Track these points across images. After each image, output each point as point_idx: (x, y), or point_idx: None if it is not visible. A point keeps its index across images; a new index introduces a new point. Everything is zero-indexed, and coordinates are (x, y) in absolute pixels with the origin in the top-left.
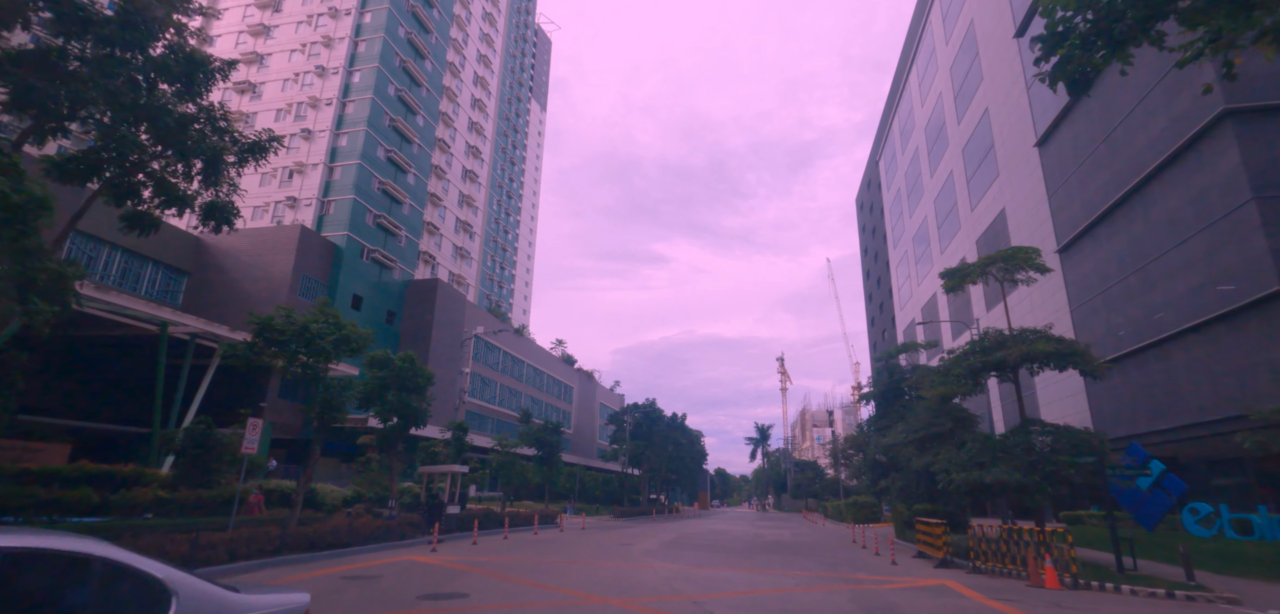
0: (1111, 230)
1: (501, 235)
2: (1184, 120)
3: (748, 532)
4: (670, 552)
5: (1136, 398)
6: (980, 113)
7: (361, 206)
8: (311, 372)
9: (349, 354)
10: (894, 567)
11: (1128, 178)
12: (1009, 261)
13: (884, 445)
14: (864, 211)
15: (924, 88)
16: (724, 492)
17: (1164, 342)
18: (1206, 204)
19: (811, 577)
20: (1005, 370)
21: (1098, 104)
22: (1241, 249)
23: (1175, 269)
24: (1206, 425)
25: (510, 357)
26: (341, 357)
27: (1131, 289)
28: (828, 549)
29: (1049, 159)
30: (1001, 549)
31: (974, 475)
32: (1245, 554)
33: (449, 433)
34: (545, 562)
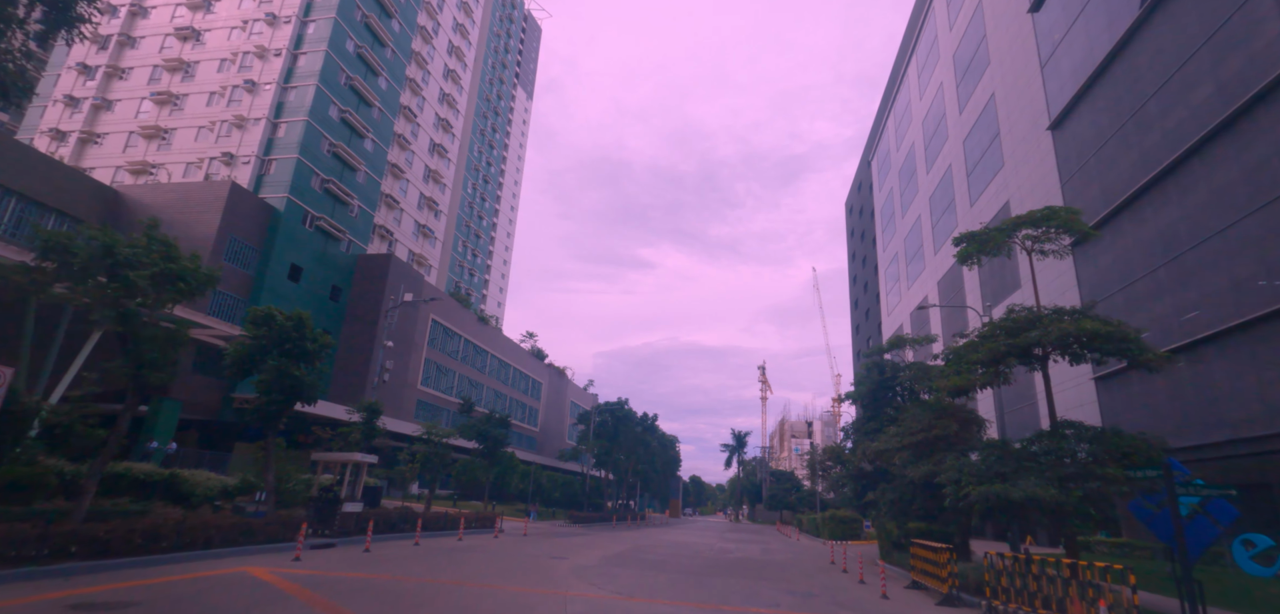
0: (1137, 218)
1: (475, 220)
2: (1237, 82)
3: (713, 545)
4: (608, 570)
5: (1162, 409)
6: (985, 99)
7: (307, 168)
8: (128, 316)
9: (177, 293)
10: (886, 601)
11: (1162, 157)
12: (1046, 222)
13: (873, 451)
14: (853, 215)
15: (923, 79)
16: (698, 500)
17: (1199, 342)
18: (1264, 179)
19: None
20: (1032, 358)
21: (1124, 76)
22: None
23: (1217, 258)
24: (1261, 441)
25: (473, 346)
26: (169, 296)
27: (1160, 284)
28: (802, 572)
29: (1064, 143)
30: (1031, 588)
31: (996, 489)
32: None
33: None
34: (430, 581)
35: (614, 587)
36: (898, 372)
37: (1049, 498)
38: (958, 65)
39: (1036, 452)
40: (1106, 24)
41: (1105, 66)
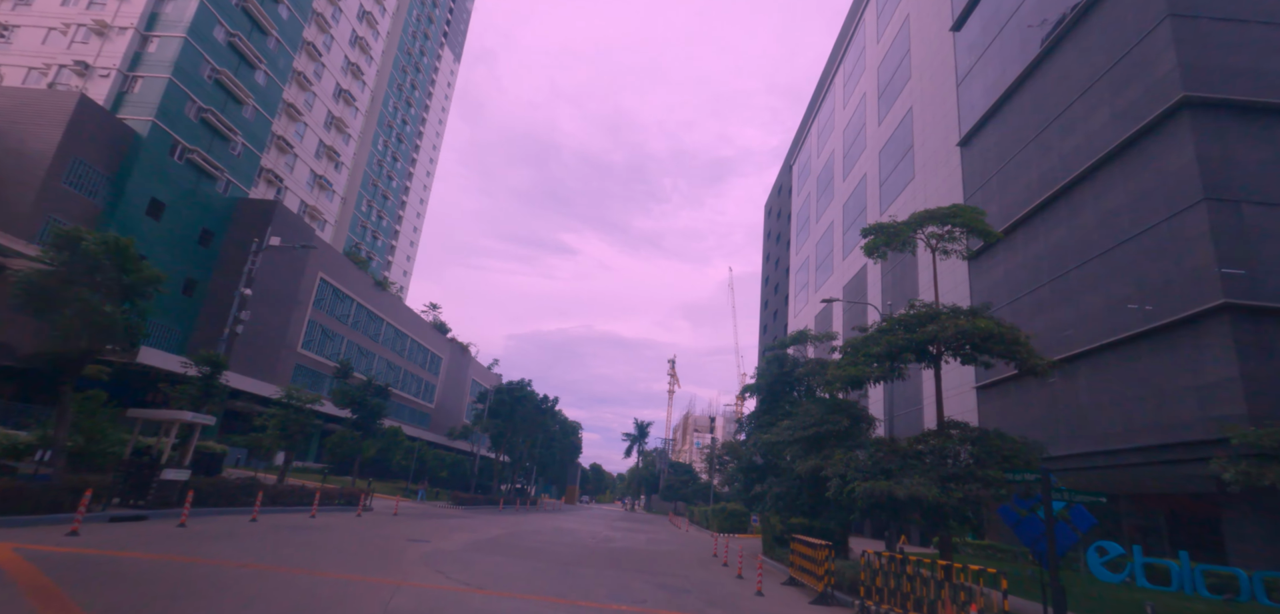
0: (1029, 236)
1: (385, 181)
2: (1133, 112)
3: (598, 533)
4: (468, 556)
5: (1033, 420)
6: (903, 112)
7: (181, 93)
8: None
9: None
10: (759, 598)
11: (1057, 179)
12: (951, 220)
13: (764, 443)
14: (771, 217)
15: (848, 89)
16: (598, 488)
17: (1073, 358)
18: (1147, 208)
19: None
20: (927, 354)
21: (1031, 99)
22: (1181, 258)
23: (1097, 279)
24: (1118, 454)
25: (367, 312)
26: None
27: (1043, 301)
28: (681, 564)
29: (970, 160)
30: (904, 589)
31: (881, 486)
32: (1171, 610)
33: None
34: (235, 565)
35: (464, 576)
36: (797, 366)
37: (931, 497)
38: (881, 77)
39: (923, 450)
40: (1019, 48)
41: (1015, 89)
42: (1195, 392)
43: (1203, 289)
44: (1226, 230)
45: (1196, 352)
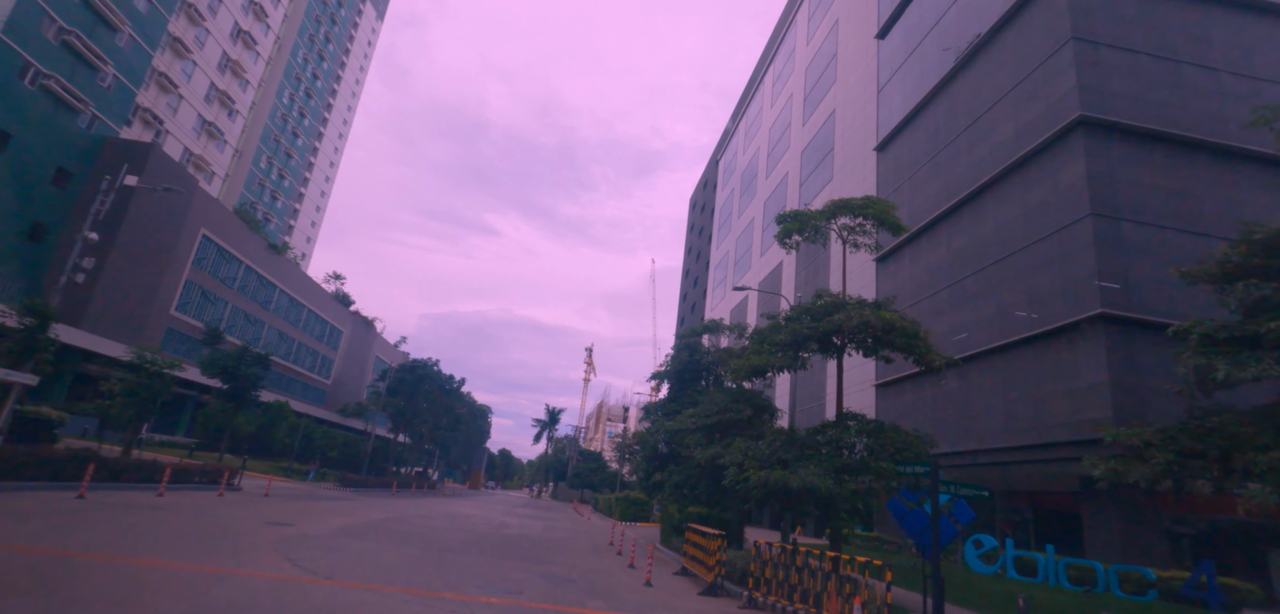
0: (934, 242)
1: (289, 137)
2: (1033, 128)
3: (494, 519)
4: (335, 542)
5: (925, 418)
6: (827, 114)
7: (37, 7)
8: None
9: None
10: (647, 589)
11: (964, 187)
12: (863, 212)
13: (667, 430)
14: (696, 211)
15: (777, 88)
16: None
17: (964, 360)
18: (1040, 219)
19: (515, 608)
20: (831, 345)
21: (945, 110)
22: (1066, 269)
23: (991, 286)
24: (1000, 452)
25: (258, 276)
26: None
27: (941, 304)
28: (573, 552)
29: (885, 165)
30: (792, 580)
31: (777, 475)
32: (1044, 603)
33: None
34: (26, 550)
35: (317, 564)
36: (707, 355)
37: (825, 488)
38: (809, 79)
39: (820, 441)
40: (937, 59)
41: (931, 98)
42: (1069, 395)
43: (1082, 299)
44: (1107, 244)
45: (1073, 358)
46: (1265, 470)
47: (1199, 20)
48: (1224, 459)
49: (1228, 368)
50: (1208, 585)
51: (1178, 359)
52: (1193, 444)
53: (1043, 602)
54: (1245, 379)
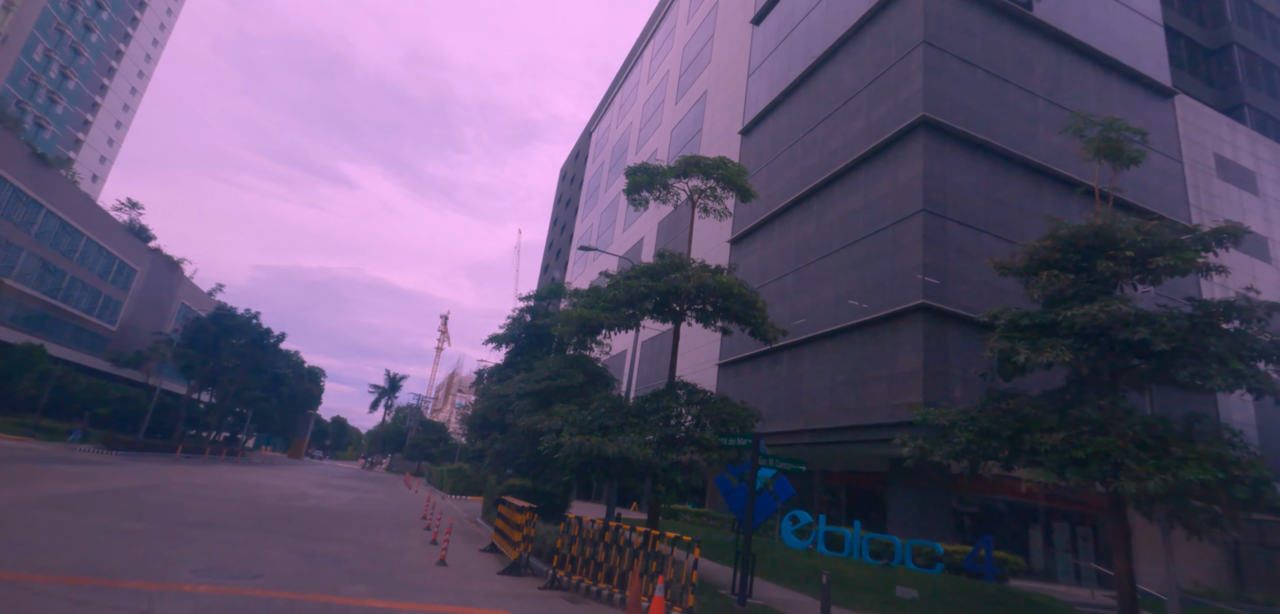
0: (785, 228)
1: (79, 30)
2: (882, 124)
3: (293, 491)
4: (33, 515)
5: (761, 398)
6: (699, 95)
7: None
8: None
9: None
10: (440, 568)
11: (816, 176)
12: (716, 171)
13: (494, 394)
14: (565, 182)
15: (655, 64)
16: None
17: (800, 344)
18: (879, 212)
19: (229, 597)
20: (670, 309)
21: (807, 100)
22: (896, 261)
23: (830, 274)
24: (823, 432)
25: (19, 192)
26: None
27: (785, 289)
28: (371, 527)
29: (749, 149)
30: (599, 557)
31: (592, 442)
32: (845, 575)
33: None
34: None
35: None
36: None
37: (642, 457)
38: (685, 58)
39: (649, 410)
40: (804, 49)
41: (795, 87)
42: (888, 380)
43: (907, 290)
44: (934, 241)
45: (894, 346)
46: (1047, 451)
47: (1026, 47)
48: (1015, 440)
49: (1027, 352)
50: (985, 558)
51: (985, 345)
52: (990, 425)
53: (848, 575)
54: (1041, 363)
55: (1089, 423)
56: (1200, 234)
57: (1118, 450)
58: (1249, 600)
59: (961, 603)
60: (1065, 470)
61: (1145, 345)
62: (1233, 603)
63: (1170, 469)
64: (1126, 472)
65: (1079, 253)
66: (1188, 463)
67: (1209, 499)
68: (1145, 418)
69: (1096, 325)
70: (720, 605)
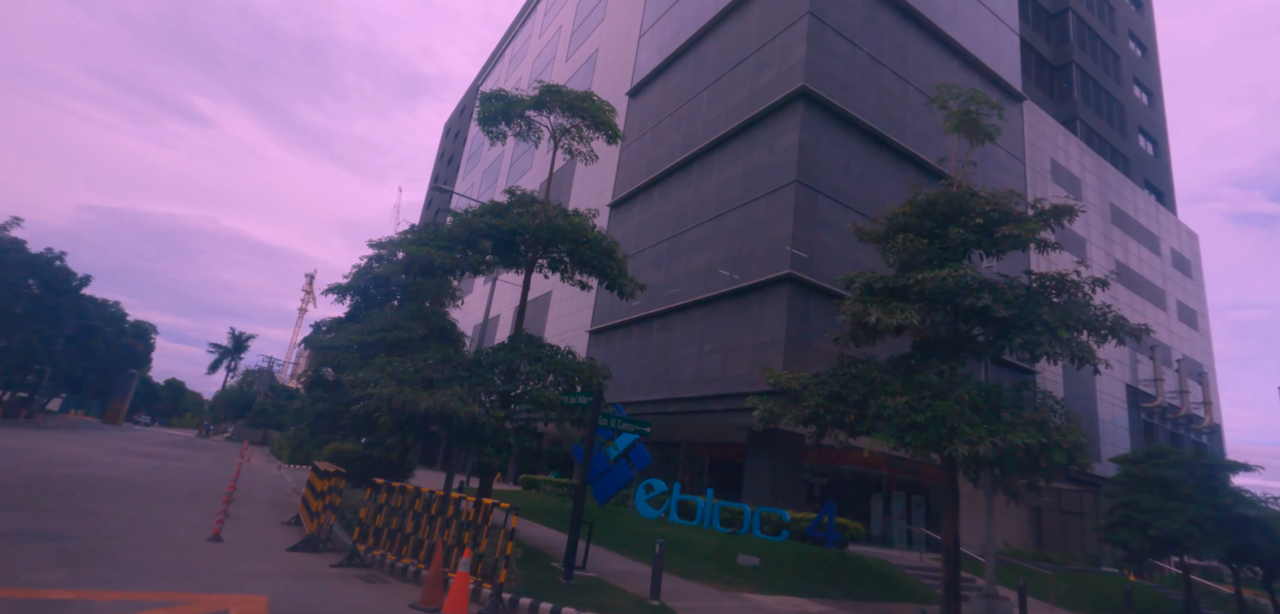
0: (664, 194)
1: None
2: (765, 93)
3: (75, 457)
4: None
5: (631, 366)
6: (591, 53)
7: None
8: None
9: None
10: (212, 546)
11: (698, 142)
12: (577, 107)
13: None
14: (448, 137)
15: (548, 18)
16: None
17: (672, 312)
18: (756, 181)
19: None
20: (516, 251)
21: (695, 64)
22: (768, 231)
23: (706, 241)
24: (691, 401)
25: None
26: None
27: (661, 256)
28: (152, 499)
29: (634, 112)
30: (407, 529)
31: (403, 394)
32: (692, 544)
33: None
34: None
35: None
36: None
37: (464, 413)
38: (579, 12)
39: (486, 364)
40: (695, 12)
41: (684, 50)
42: (752, 349)
43: (776, 261)
44: (804, 213)
45: (760, 316)
46: (891, 414)
47: (903, 36)
48: (862, 404)
49: (879, 313)
50: (828, 525)
51: (840, 309)
52: (839, 389)
53: (695, 544)
54: (892, 326)
55: (930, 388)
56: (1041, 210)
57: (954, 415)
58: (1047, 560)
59: (801, 568)
60: (905, 435)
61: (987, 312)
62: (1034, 562)
63: (1000, 433)
64: (960, 435)
65: (933, 220)
66: (1016, 428)
67: (1031, 463)
68: (981, 384)
69: (945, 290)
70: (544, 580)
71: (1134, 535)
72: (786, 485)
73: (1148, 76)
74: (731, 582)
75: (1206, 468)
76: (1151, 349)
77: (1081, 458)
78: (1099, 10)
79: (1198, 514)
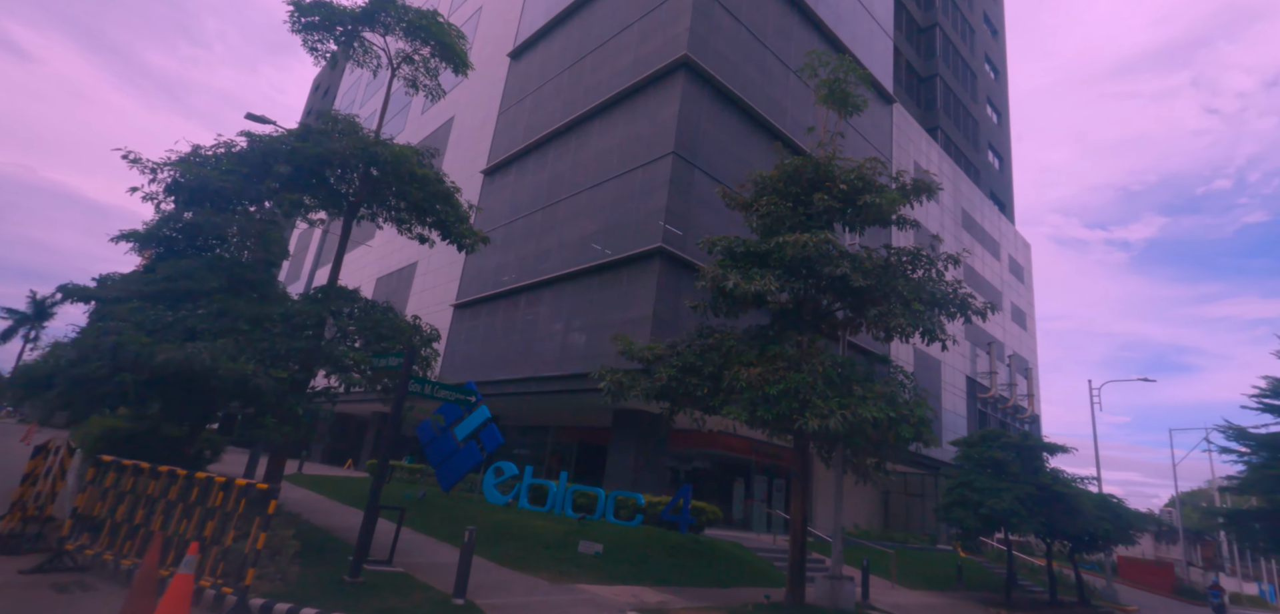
0: (541, 162)
1: None
2: (647, 61)
3: None
4: None
5: (495, 343)
6: (475, 9)
7: None
8: None
9: None
10: None
11: (579, 108)
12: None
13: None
14: (317, 94)
15: None
16: None
17: (540, 286)
18: (634, 151)
19: None
20: (328, 187)
21: (581, 28)
22: (644, 203)
23: (580, 212)
24: (552, 380)
25: None
26: None
27: (534, 227)
28: None
29: (515, 75)
30: (136, 520)
31: (140, 342)
32: (534, 532)
33: None
34: None
35: None
36: None
37: (245, 375)
38: None
39: (295, 311)
40: None
41: (570, 13)
42: (620, 326)
43: (649, 234)
44: (681, 186)
45: (630, 291)
46: (744, 387)
47: (787, 22)
48: (716, 377)
49: (738, 278)
50: (682, 509)
51: (701, 272)
52: (694, 360)
53: (539, 531)
54: (751, 292)
55: (786, 359)
56: (902, 184)
57: (807, 388)
58: (891, 539)
59: (649, 554)
60: (758, 408)
61: (845, 282)
62: (879, 542)
63: (851, 406)
64: (812, 408)
65: (799, 186)
66: (867, 402)
67: (881, 438)
68: (836, 356)
69: (805, 257)
70: (327, 580)
71: (967, 514)
72: (649, 470)
73: (998, 98)
74: (568, 572)
75: (1031, 450)
76: (988, 345)
77: (927, 433)
78: (962, 31)
79: (1022, 493)
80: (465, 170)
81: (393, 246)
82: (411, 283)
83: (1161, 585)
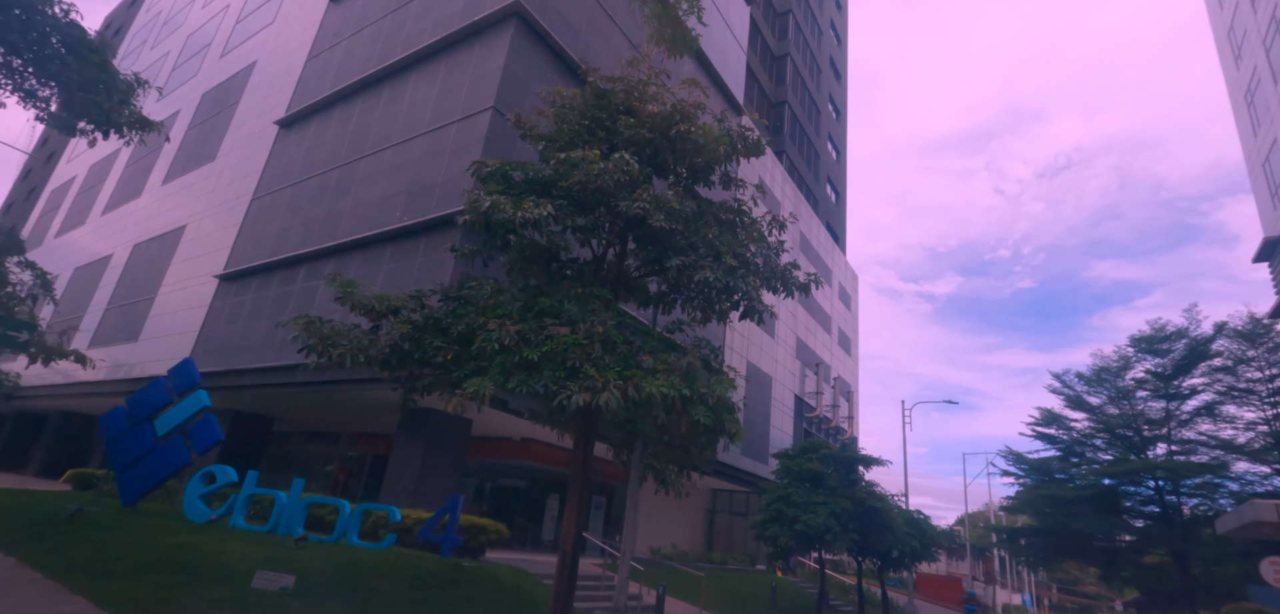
0: (346, 115)
1: None
2: (475, 8)
3: None
4: None
5: (267, 322)
6: None
7: None
8: None
9: None
10: None
11: (394, 55)
12: None
13: None
14: (108, 32)
15: None
16: None
17: (323, 256)
18: (450, 104)
19: None
20: None
21: None
22: (455, 162)
23: (381, 172)
24: None
25: None
26: None
27: (328, 186)
28: None
29: (333, 15)
30: None
31: None
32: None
33: None
34: None
35: None
36: None
37: None
38: None
39: None
40: None
41: None
42: None
43: (456, 197)
44: (498, 149)
45: (429, 262)
46: (497, 349)
47: None
48: (467, 336)
49: (508, 205)
50: (448, 526)
51: (462, 197)
52: (438, 316)
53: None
54: (518, 219)
55: (555, 315)
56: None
57: (577, 352)
58: (711, 560)
59: (379, 586)
60: (511, 377)
61: (642, 221)
62: (698, 564)
63: (634, 378)
64: (582, 377)
65: (605, 111)
66: (656, 375)
67: (671, 423)
68: (623, 314)
69: (598, 187)
70: None
71: (783, 530)
72: (440, 482)
73: (838, 136)
74: None
75: (848, 461)
76: (816, 365)
77: (730, 422)
78: (810, 66)
79: (838, 508)
80: (258, 122)
81: (161, 205)
82: (175, 249)
83: (951, 598)
